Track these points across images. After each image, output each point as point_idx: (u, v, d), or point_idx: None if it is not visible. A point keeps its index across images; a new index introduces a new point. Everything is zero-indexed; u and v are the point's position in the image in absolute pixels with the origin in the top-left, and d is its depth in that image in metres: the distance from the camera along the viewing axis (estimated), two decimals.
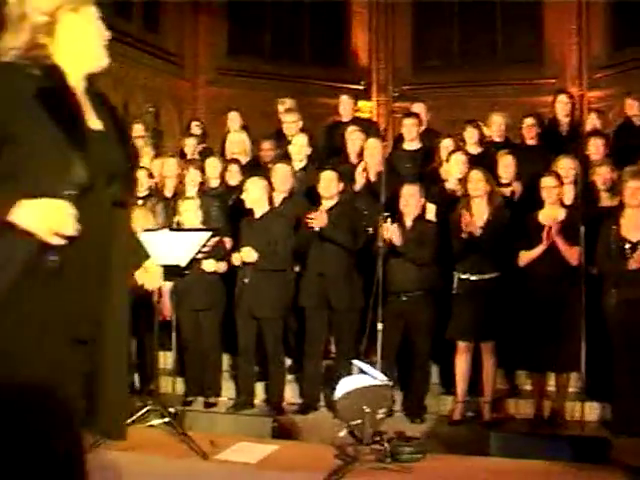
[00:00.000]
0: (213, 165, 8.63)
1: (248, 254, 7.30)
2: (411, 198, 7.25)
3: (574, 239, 6.63)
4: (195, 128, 10.70)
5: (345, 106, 10.02)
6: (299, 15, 15.47)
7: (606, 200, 7.37)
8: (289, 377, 7.83)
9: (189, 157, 9.60)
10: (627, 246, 6.55)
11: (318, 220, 7.21)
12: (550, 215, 6.84)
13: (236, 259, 7.36)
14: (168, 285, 7.46)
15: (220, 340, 7.77)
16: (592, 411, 6.80)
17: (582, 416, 6.50)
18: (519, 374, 7.52)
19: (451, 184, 7.80)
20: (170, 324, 7.59)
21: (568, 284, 6.68)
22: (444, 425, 6.98)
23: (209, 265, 7.33)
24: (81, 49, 2.73)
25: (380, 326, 6.60)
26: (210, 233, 5.73)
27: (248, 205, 7.58)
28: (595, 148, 7.96)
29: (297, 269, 7.71)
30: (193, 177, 8.34)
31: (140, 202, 8.37)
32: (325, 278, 7.34)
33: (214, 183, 8.56)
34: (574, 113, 9.31)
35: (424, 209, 7.54)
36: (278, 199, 7.87)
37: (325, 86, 14.47)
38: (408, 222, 7.24)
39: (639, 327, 6.48)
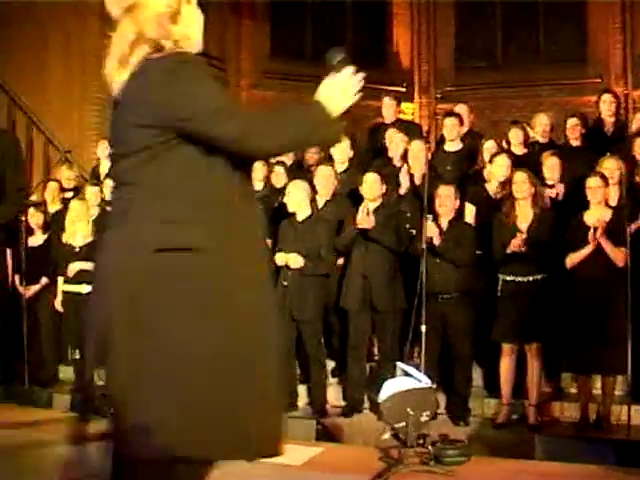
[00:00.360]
0: (257, 168, 8.65)
1: (295, 260, 7.32)
2: (446, 199, 7.23)
3: (620, 240, 6.56)
4: None
5: (388, 108, 10.00)
6: (341, 16, 15.48)
7: None
8: (333, 380, 7.84)
9: None
10: None
11: (365, 221, 7.21)
12: (596, 216, 6.77)
13: (280, 259, 7.36)
14: None
15: None
16: (638, 415, 6.71)
17: (628, 420, 6.42)
18: (564, 377, 7.47)
19: (493, 186, 7.75)
20: None
21: (614, 285, 6.60)
22: (488, 428, 6.96)
23: None
24: (196, 37, 2.84)
25: (424, 328, 6.59)
26: None
27: (290, 209, 7.59)
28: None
29: (340, 263, 7.69)
30: None
31: None
32: (368, 280, 7.34)
33: (258, 186, 8.59)
34: (619, 113, 9.22)
35: (462, 210, 7.52)
36: (321, 202, 7.88)
37: (367, 88, 14.40)
38: (444, 223, 7.22)
39: None
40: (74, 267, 8.29)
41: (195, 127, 2.57)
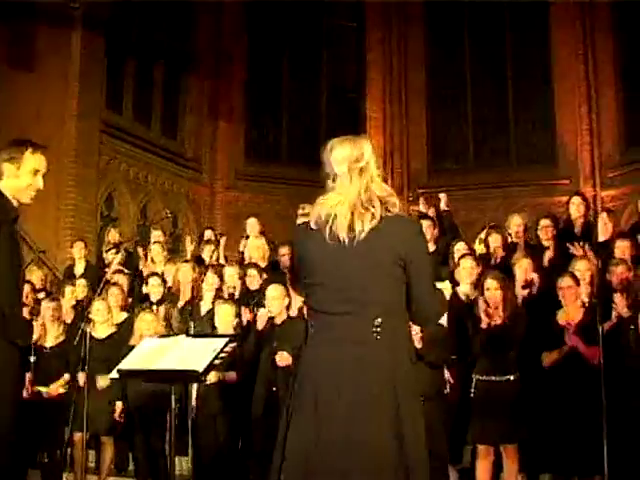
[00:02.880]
0: (230, 273, 8.67)
1: (283, 357, 7.28)
2: None
3: (593, 339, 6.58)
4: (211, 234, 10.80)
5: None
6: (316, 120, 15.75)
7: (622, 299, 7.33)
8: None
9: (207, 263, 9.67)
10: None
11: None
12: (568, 316, 6.81)
13: (281, 358, 7.31)
14: None
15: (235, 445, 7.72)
16: None
17: None
18: (543, 478, 7.39)
19: (463, 287, 7.79)
20: (187, 428, 7.53)
21: (588, 384, 6.59)
22: None
23: (213, 376, 7.22)
24: None
25: None
26: (228, 339, 5.73)
27: (271, 312, 7.59)
28: (621, 250, 7.95)
29: None
30: (211, 282, 8.39)
31: (154, 307, 8.42)
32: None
33: (232, 290, 8.59)
34: (588, 214, 9.36)
35: None
36: (296, 304, 7.89)
37: None
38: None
39: None
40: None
41: (421, 283, 3.38)
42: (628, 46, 14.58)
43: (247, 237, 9.98)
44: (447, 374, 7.22)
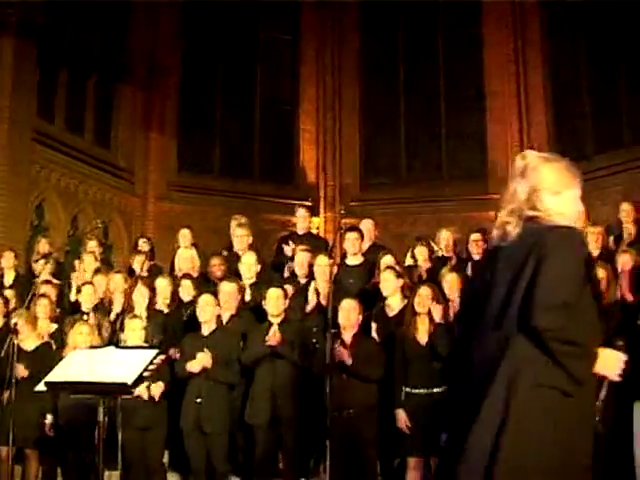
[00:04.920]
0: (162, 285, 8.62)
1: (204, 358, 7.25)
2: (350, 313, 7.26)
3: None
4: (143, 245, 10.71)
5: (301, 220, 10.24)
6: (248, 132, 15.75)
7: None
8: None
9: (138, 274, 9.58)
10: None
11: (273, 338, 7.24)
12: None
13: (192, 365, 7.29)
14: None
15: (163, 458, 7.65)
16: None
17: None
18: None
19: (390, 301, 7.84)
20: (116, 443, 7.44)
21: None
22: None
23: (143, 391, 7.16)
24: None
25: (328, 443, 6.54)
26: (157, 351, 5.69)
27: (202, 319, 7.57)
28: None
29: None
30: (142, 294, 8.32)
31: (85, 317, 8.32)
32: (275, 395, 7.29)
33: (163, 301, 8.54)
34: None
35: (366, 325, 7.57)
36: (225, 316, 7.88)
37: (274, 202, 14.66)
38: (348, 337, 7.23)
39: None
40: None
41: None
42: (559, 64, 14.87)
43: (179, 248, 9.93)
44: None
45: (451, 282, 7.83)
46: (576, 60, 14.55)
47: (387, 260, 8.44)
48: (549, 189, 3.46)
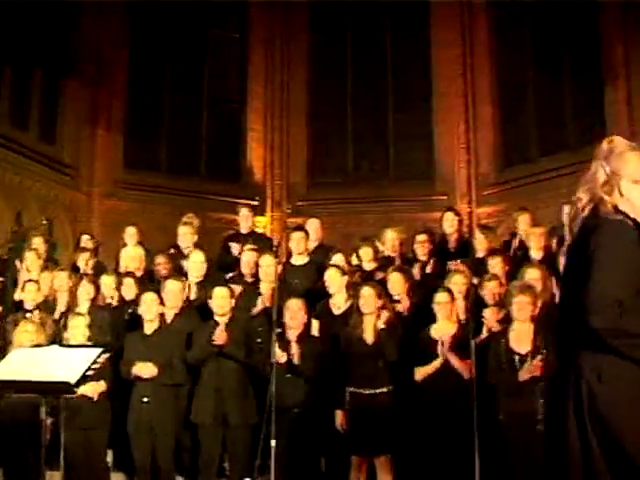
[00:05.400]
0: (107, 282, 8.55)
1: (148, 369, 7.22)
2: (296, 312, 7.28)
3: (466, 353, 6.73)
4: (87, 242, 10.58)
5: (244, 219, 10.21)
6: (195, 130, 15.66)
7: (495, 314, 7.53)
8: None
9: (82, 271, 9.48)
10: (516, 358, 6.71)
11: (219, 337, 7.22)
12: (442, 330, 6.96)
13: (139, 371, 7.24)
14: None
15: (107, 458, 7.59)
16: None
17: None
18: None
19: (335, 299, 7.86)
20: (58, 443, 7.36)
21: (461, 397, 6.73)
22: None
23: (87, 389, 7.08)
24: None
25: (274, 442, 6.53)
26: (101, 349, 5.65)
27: (145, 319, 7.54)
28: (494, 265, 8.16)
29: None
30: (87, 291, 8.25)
31: (29, 315, 8.22)
32: (221, 394, 7.28)
33: (109, 299, 8.47)
34: (461, 229, 9.58)
35: (310, 324, 7.59)
36: (170, 315, 7.85)
37: (221, 201, 14.60)
38: (293, 336, 7.24)
39: (531, 438, 6.60)
40: None
41: None
42: (506, 67, 15.00)
43: (125, 246, 9.85)
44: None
45: (395, 282, 7.87)
46: (523, 63, 14.68)
47: (335, 259, 8.48)
48: (630, 176, 3.41)
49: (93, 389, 7.12)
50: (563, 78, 13.95)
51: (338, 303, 7.77)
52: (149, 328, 7.54)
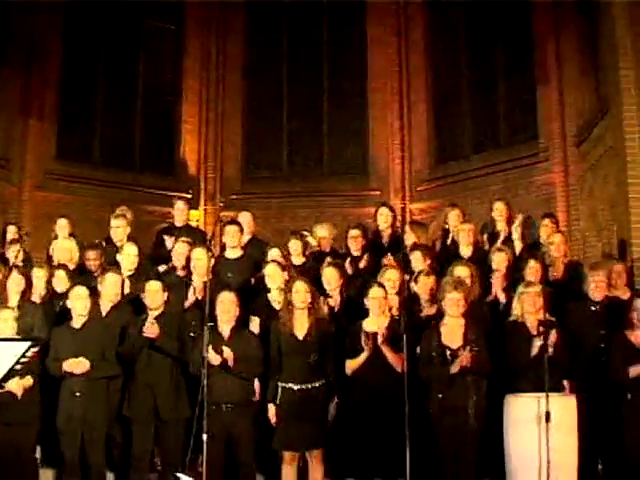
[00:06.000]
0: (39, 275, 8.41)
1: (79, 365, 7.14)
2: (228, 305, 7.24)
3: (398, 347, 6.78)
4: (15, 233, 10.36)
5: (179, 212, 10.17)
6: (129, 122, 15.50)
7: (428, 309, 7.61)
8: None
9: (12, 263, 9.32)
10: (448, 353, 6.80)
11: (150, 330, 7.17)
12: (375, 324, 7.00)
13: (67, 365, 7.15)
14: None
15: (36, 454, 7.49)
16: None
17: None
18: None
19: (274, 295, 7.86)
20: None
21: (394, 391, 6.77)
22: None
23: (14, 385, 6.97)
24: None
25: (205, 437, 6.51)
26: (29, 343, 5.55)
27: (75, 313, 7.45)
28: (415, 260, 8.24)
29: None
30: (17, 283, 8.12)
31: None
32: (153, 388, 7.24)
33: (40, 292, 8.34)
34: (395, 225, 9.65)
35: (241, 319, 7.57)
36: (105, 307, 7.77)
37: (154, 194, 14.48)
38: (226, 330, 7.22)
39: (461, 431, 6.70)
40: None
41: None
42: (441, 65, 15.12)
43: (56, 238, 9.71)
44: (256, 384, 7.29)
45: (330, 277, 7.90)
46: (457, 61, 14.78)
47: (273, 253, 8.47)
48: None
49: (18, 385, 7.00)
50: (497, 77, 14.09)
51: (278, 298, 7.75)
52: (78, 322, 7.45)
